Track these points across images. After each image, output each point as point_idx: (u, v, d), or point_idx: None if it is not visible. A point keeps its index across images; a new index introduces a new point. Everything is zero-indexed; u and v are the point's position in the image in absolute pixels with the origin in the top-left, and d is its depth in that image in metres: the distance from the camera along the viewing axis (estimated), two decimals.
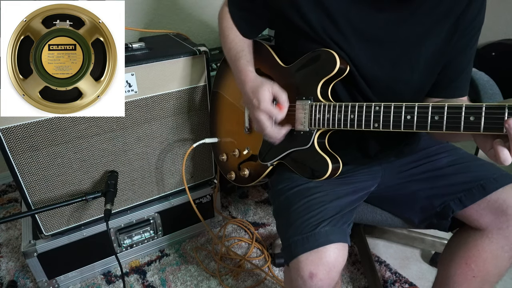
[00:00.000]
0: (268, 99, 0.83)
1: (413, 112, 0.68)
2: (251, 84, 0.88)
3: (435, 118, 0.66)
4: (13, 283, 1.30)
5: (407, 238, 1.46)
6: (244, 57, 0.93)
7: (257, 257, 1.43)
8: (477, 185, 0.82)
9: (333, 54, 0.80)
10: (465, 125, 0.62)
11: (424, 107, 0.67)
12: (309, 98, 0.84)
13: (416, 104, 0.68)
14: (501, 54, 1.66)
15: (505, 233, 0.78)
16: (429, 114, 0.66)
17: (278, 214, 0.90)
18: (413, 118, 0.68)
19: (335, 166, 0.84)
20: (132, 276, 1.35)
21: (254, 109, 0.85)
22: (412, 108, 0.68)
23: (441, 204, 0.86)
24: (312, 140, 0.85)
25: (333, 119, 0.80)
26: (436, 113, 0.65)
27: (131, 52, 1.16)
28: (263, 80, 0.87)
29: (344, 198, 0.86)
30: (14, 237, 1.53)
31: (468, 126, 0.62)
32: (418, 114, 0.68)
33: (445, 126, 0.65)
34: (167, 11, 1.70)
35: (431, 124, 0.66)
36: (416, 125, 0.68)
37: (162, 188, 1.35)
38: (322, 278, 0.73)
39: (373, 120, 0.74)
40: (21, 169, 1.04)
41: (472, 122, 0.62)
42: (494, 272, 0.81)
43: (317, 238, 0.75)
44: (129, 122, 1.16)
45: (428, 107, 0.66)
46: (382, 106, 0.72)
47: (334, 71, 0.80)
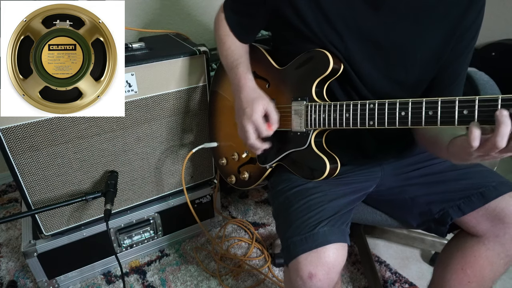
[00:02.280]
0: (261, 113, 0.85)
1: (407, 108, 0.68)
2: (248, 93, 0.88)
3: (429, 113, 0.66)
4: (13, 283, 1.30)
5: (407, 238, 1.46)
6: (243, 63, 0.93)
7: (257, 257, 1.43)
8: (476, 192, 0.81)
9: (326, 54, 0.80)
10: (459, 118, 0.62)
11: (417, 102, 0.67)
12: (304, 99, 0.85)
13: (410, 100, 0.68)
14: (501, 54, 1.67)
15: (501, 241, 0.78)
16: (423, 110, 0.66)
17: (278, 214, 0.90)
18: (408, 114, 0.68)
19: (333, 166, 0.84)
20: (132, 276, 1.35)
21: (245, 118, 0.86)
22: (406, 105, 0.68)
23: (439, 211, 0.85)
24: (309, 140, 0.85)
25: (329, 118, 0.80)
26: (430, 108, 0.65)
27: (131, 52, 1.16)
28: (263, 94, 0.89)
29: (343, 198, 0.86)
30: (14, 237, 1.53)
31: (462, 119, 0.62)
32: (412, 110, 0.68)
33: (439, 120, 0.65)
34: (167, 11, 1.70)
35: (425, 120, 0.66)
36: (410, 121, 0.68)
37: (162, 188, 1.35)
38: (321, 278, 0.73)
39: (368, 118, 0.74)
40: (21, 169, 1.05)
41: (466, 115, 0.62)
42: (489, 278, 0.81)
43: (316, 238, 0.75)
44: (129, 122, 1.16)
45: (422, 102, 0.66)
46: (376, 103, 0.72)
47: (328, 71, 0.80)
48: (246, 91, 0.89)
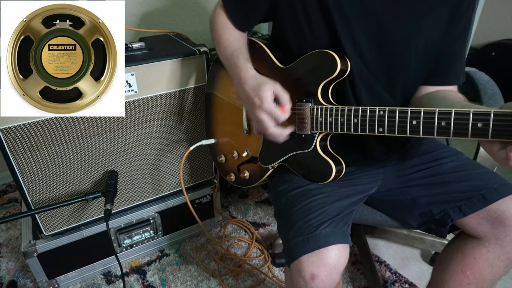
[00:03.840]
0: (270, 98, 0.80)
1: (419, 117, 0.66)
2: (251, 82, 0.85)
3: (441, 124, 0.64)
4: (13, 283, 1.30)
5: (407, 238, 1.46)
6: (242, 54, 0.90)
7: (257, 257, 1.43)
8: (477, 194, 0.81)
9: (333, 55, 0.78)
10: (473, 131, 0.61)
11: (430, 112, 0.65)
12: (310, 101, 0.83)
13: (422, 109, 0.66)
14: (501, 54, 1.67)
15: (502, 243, 0.78)
16: (435, 120, 0.64)
17: (280, 215, 0.90)
18: (419, 123, 0.67)
19: (338, 168, 0.83)
20: (132, 276, 1.35)
21: (255, 108, 0.82)
22: (418, 114, 0.66)
23: (440, 212, 0.85)
24: (315, 143, 0.84)
25: (336, 123, 0.78)
26: (443, 118, 0.64)
27: (131, 52, 1.16)
28: (265, 78, 0.85)
29: (345, 200, 0.86)
30: (14, 237, 1.53)
31: (476, 132, 0.61)
32: (424, 119, 0.66)
33: (452, 132, 0.63)
34: (167, 11, 1.70)
35: (438, 130, 0.65)
36: (422, 130, 0.67)
37: (162, 188, 1.34)
38: (324, 279, 0.73)
39: (378, 125, 0.72)
40: (21, 169, 1.04)
41: (480, 128, 0.60)
42: (489, 280, 0.81)
43: (318, 239, 0.75)
44: (129, 122, 1.16)
45: (435, 112, 0.64)
46: (386, 110, 0.71)
47: (335, 73, 0.78)
48: (249, 82, 0.85)
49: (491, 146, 0.63)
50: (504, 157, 0.61)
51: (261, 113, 0.81)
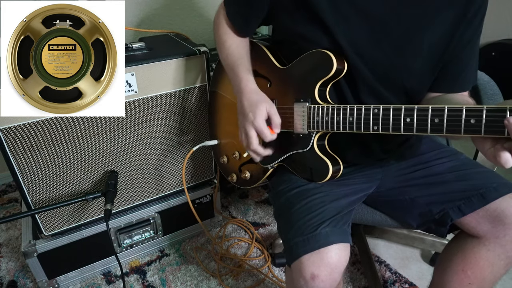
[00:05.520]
0: (263, 117, 0.83)
1: (412, 114, 0.67)
2: (249, 96, 0.87)
3: (435, 121, 0.65)
4: (13, 283, 1.30)
5: (407, 238, 1.46)
6: (243, 65, 0.91)
7: (257, 257, 1.43)
8: (476, 193, 0.81)
9: (329, 55, 0.78)
10: (466, 128, 0.62)
11: (423, 109, 0.66)
12: (307, 101, 0.84)
13: (416, 107, 0.67)
14: (501, 54, 1.67)
15: (502, 242, 0.78)
16: (428, 117, 0.65)
17: (279, 215, 0.90)
18: (413, 120, 0.67)
19: (335, 168, 0.84)
20: (132, 276, 1.35)
21: (247, 122, 0.85)
22: (411, 111, 0.67)
23: (440, 212, 0.85)
24: (312, 142, 0.85)
25: (332, 121, 0.79)
26: (436, 115, 0.64)
27: (131, 52, 1.16)
28: (263, 96, 0.87)
29: (343, 199, 0.86)
30: (14, 237, 1.53)
31: (468, 129, 0.61)
32: (417, 116, 0.67)
33: (445, 129, 0.64)
34: (167, 11, 1.70)
35: (431, 127, 0.65)
36: (416, 128, 0.67)
37: (162, 188, 1.34)
38: (324, 279, 0.73)
39: (372, 123, 0.73)
40: (21, 169, 1.04)
41: (473, 124, 0.61)
42: (490, 279, 0.81)
43: (318, 239, 0.75)
44: (129, 122, 1.16)
45: (428, 109, 0.65)
46: (381, 108, 0.71)
47: (331, 73, 0.79)
48: (248, 95, 0.87)
49: (483, 143, 0.63)
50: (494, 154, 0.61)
51: (250, 129, 0.84)
